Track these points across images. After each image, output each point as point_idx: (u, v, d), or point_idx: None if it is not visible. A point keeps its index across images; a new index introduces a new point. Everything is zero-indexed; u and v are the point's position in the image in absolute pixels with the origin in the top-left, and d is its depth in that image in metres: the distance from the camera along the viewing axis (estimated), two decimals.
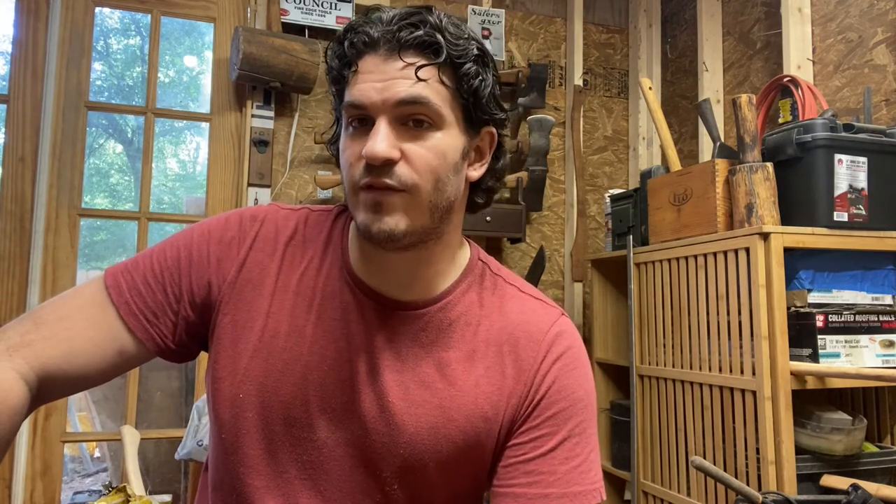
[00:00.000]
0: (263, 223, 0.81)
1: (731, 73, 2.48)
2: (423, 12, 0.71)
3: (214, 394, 0.78)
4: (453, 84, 0.72)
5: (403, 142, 0.70)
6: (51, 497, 2.16)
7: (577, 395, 0.78)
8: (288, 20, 2.39)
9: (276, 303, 0.78)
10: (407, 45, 0.69)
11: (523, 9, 2.84)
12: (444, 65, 0.70)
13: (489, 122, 0.77)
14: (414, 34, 0.69)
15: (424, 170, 0.70)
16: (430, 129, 0.71)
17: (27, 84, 2.24)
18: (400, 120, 0.70)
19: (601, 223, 2.79)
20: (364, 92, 0.69)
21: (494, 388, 0.77)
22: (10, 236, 2.19)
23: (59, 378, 0.72)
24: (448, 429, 0.76)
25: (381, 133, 0.68)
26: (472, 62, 0.72)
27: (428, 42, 0.69)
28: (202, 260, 0.78)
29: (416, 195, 0.70)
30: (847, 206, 1.64)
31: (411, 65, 0.69)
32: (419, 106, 0.69)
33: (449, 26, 0.71)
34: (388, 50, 0.70)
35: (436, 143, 0.71)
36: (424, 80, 0.69)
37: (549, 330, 0.80)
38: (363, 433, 0.76)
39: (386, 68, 0.69)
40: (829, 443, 1.55)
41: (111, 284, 0.77)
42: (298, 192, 2.46)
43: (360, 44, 0.71)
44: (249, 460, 0.77)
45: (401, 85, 0.69)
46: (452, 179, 0.73)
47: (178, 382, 3.09)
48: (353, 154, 0.71)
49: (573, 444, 0.76)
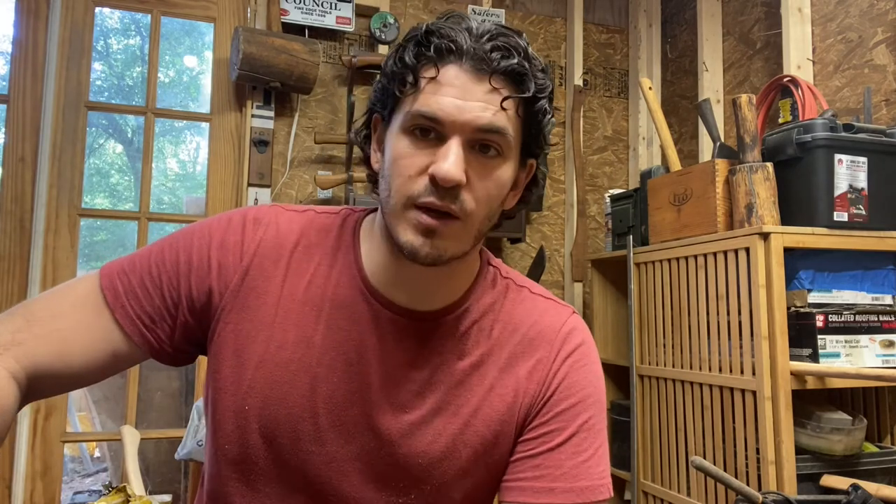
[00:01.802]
0: (268, 227, 0.77)
1: (731, 73, 2.48)
2: (515, 37, 0.69)
3: (216, 405, 0.75)
4: (526, 117, 0.71)
5: (470, 166, 0.67)
6: (51, 497, 2.16)
7: (587, 392, 0.78)
8: (288, 20, 2.39)
9: (282, 312, 0.74)
10: (498, 69, 0.66)
11: (523, 9, 2.84)
12: (525, 99, 0.69)
13: (538, 155, 0.76)
14: (509, 62, 0.66)
15: (484, 199, 0.69)
16: (496, 157, 0.69)
17: (27, 84, 2.24)
18: (473, 143, 0.68)
19: (601, 223, 2.79)
20: (444, 106, 0.66)
21: (509, 388, 0.77)
22: (10, 236, 2.19)
23: (49, 377, 0.70)
24: (467, 435, 0.75)
25: (455, 154, 0.66)
26: (547, 99, 0.71)
27: (519, 72, 0.67)
28: (202, 265, 0.75)
29: (469, 223, 0.69)
30: (847, 206, 1.64)
31: (497, 91, 0.67)
32: (497, 136, 0.68)
33: (534, 58, 0.70)
34: (477, 68, 0.66)
35: (499, 173, 0.70)
36: (505, 111, 0.67)
37: (562, 328, 0.80)
38: (377, 445, 0.74)
39: (472, 87, 0.66)
40: (829, 443, 1.55)
41: (107, 286, 0.74)
42: (298, 192, 2.46)
43: (445, 50, 0.67)
44: (254, 475, 0.74)
45: (485, 111, 0.66)
46: (498, 210, 0.73)
47: (178, 382, 3.09)
48: (413, 166, 0.67)
49: (581, 440, 0.76)
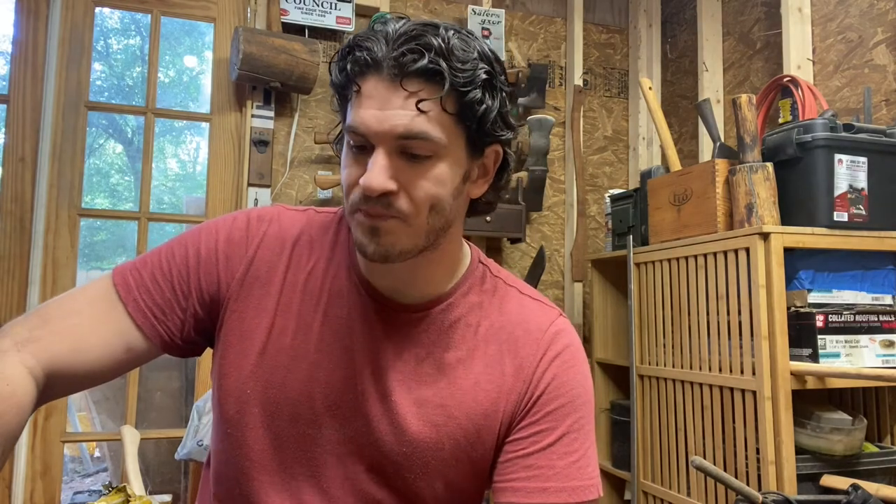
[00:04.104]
0: (271, 223, 0.82)
1: (731, 73, 2.48)
2: (427, 34, 0.67)
3: (220, 389, 0.79)
4: (457, 110, 0.69)
5: (402, 172, 0.69)
6: (51, 497, 2.16)
7: (575, 392, 0.79)
8: (288, 20, 2.39)
9: (284, 300, 0.79)
10: (410, 72, 0.67)
11: (523, 9, 2.84)
12: (447, 93, 0.67)
13: (495, 142, 0.75)
14: (417, 63, 0.66)
15: (423, 200, 0.70)
16: (429, 159, 0.69)
17: (27, 84, 2.24)
18: (399, 150, 0.69)
19: (601, 223, 2.79)
20: (364, 120, 0.68)
21: (494, 385, 0.79)
22: (10, 236, 2.19)
23: (66, 374, 0.73)
24: (450, 427, 0.77)
25: (378, 165, 0.68)
26: (479, 88, 0.69)
27: (432, 70, 0.67)
28: (210, 257, 0.79)
29: (413, 221, 0.70)
30: (847, 206, 1.64)
31: (413, 94, 0.67)
32: (419, 140, 0.68)
33: (456, 49, 0.68)
34: (392, 76, 0.67)
35: (436, 172, 0.70)
36: (425, 113, 0.67)
37: (549, 329, 0.82)
38: (367, 431, 0.77)
39: (388, 95, 0.67)
40: (829, 443, 1.55)
41: (119, 282, 0.78)
42: (298, 192, 2.46)
43: (363, 63, 0.68)
44: (255, 455, 0.78)
45: (401, 118, 0.67)
46: (452, 203, 0.73)
47: (178, 382, 3.09)
48: (350, 176, 0.71)
49: (571, 440, 0.77)
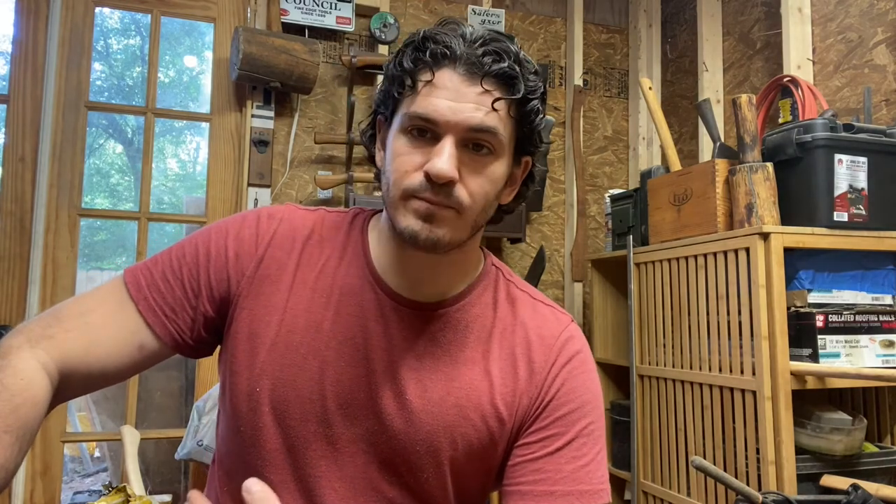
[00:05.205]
0: (281, 222, 0.83)
1: (731, 73, 2.48)
2: (506, 42, 0.73)
3: (231, 387, 0.79)
4: (518, 116, 0.74)
5: (463, 164, 0.72)
6: (51, 497, 2.16)
7: (585, 398, 0.80)
8: (288, 20, 2.39)
9: (294, 298, 0.79)
10: (489, 72, 0.71)
11: (523, 9, 2.84)
12: (516, 100, 0.73)
13: (530, 153, 0.80)
14: (499, 65, 0.71)
15: (479, 194, 0.73)
16: (489, 155, 0.73)
17: (27, 84, 2.24)
18: (465, 142, 0.72)
19: (601, 223, 2.79)
20: (437, 108, 0.70)
21: (508, 388, 0.79)
22: (10, 236, 2.19)
23: (79, 372, 0.74)
24: (464, 427, 0.77)
25: (448, 153, 0.70)
26: (538, 99, 0.75)
27: (509, 74, 0.71)
28: (220, 255, 0.80)
29: (466, 214, 0.73)
30: (847, 206, 1.64)
31: (489, 92, 0.71)
32: (488, 135, 0.72)
33: (526, 61, 0.74)
34: (469, 72, 0.71)
35: (492, 169, 0.74)
36: (496, 111, 0.71)
37: (560, 335, 0.83)
38: (380, 429, 0.77)
39: (464, 90, 0.71)
40: (829, 443, 1.55)
41: (130, 282, 0.79)
42: (298, 192, 2.46)
43: (440, 55, 0.71)
44: (267, 454, 0.78)
45: (476, 111, 0.70)
46: (493, 203, 0.77)
47: (178, 382, 3.09)
48: (410, 162, 0.72)
49: (580, 445, 0.78)
